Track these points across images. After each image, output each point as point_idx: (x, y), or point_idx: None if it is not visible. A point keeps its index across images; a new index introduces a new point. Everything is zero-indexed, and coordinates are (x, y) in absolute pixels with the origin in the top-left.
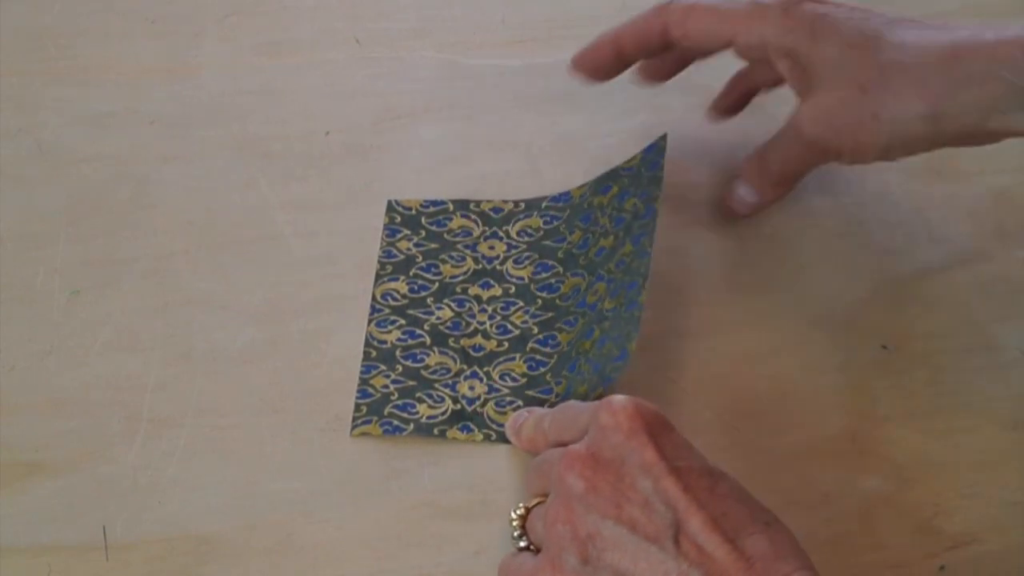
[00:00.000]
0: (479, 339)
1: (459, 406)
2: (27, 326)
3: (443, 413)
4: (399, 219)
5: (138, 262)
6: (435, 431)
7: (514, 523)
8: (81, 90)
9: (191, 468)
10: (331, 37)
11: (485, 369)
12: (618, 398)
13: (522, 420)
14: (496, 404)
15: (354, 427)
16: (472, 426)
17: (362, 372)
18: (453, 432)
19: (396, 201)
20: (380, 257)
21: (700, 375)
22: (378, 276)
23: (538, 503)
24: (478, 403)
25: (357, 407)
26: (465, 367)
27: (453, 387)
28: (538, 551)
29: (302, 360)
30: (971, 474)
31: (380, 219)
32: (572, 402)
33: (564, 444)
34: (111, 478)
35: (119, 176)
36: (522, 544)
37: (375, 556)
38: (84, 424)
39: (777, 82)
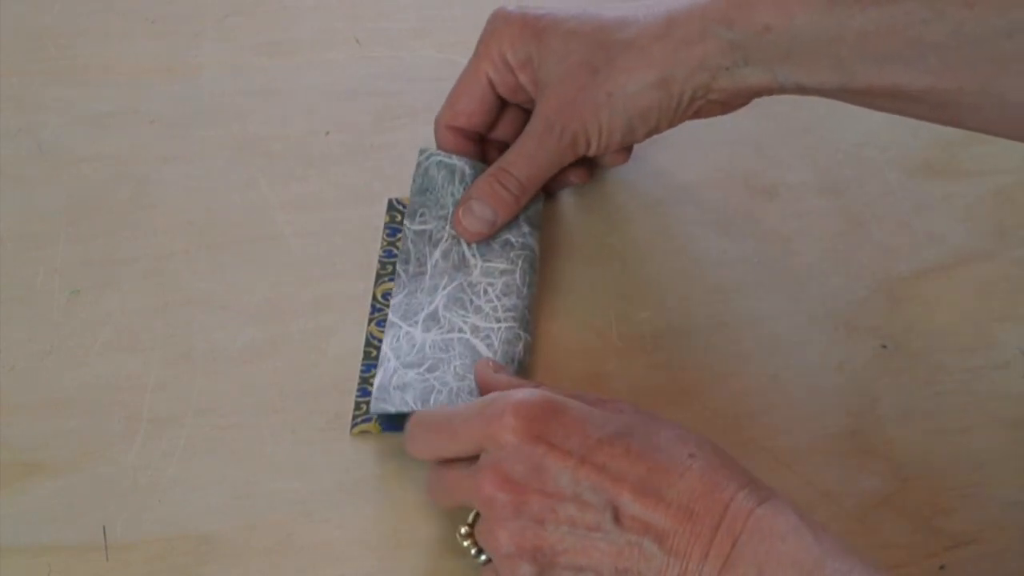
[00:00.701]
0: None
1: None
2: (27, 326)
3: None
4: (400, 218)
5: (138, 262)
6: None
7: (466, 544)
8: (81, 90)
9: (191, 468)
10: (331, 37)
11: None
12: (504, 417)
13: None
14: None
15: (354, 425)
16: None
17: (362, 371)
18: None
19: (397, 199)
20: (380, 257)
21: (700, 375)
22: (378, 276)
23: (475, 516)
24: None
25: (357, 405)
26: None
27: None
28: None
29: (302, 360)
30: (971, 474)
31: (380, 219)
32: (438, 417)
33: (448, 459)
34: (111, 478)
35: (119, 176)
36: (483, 558)
37: (375, 556)
38: (84, 424)
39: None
